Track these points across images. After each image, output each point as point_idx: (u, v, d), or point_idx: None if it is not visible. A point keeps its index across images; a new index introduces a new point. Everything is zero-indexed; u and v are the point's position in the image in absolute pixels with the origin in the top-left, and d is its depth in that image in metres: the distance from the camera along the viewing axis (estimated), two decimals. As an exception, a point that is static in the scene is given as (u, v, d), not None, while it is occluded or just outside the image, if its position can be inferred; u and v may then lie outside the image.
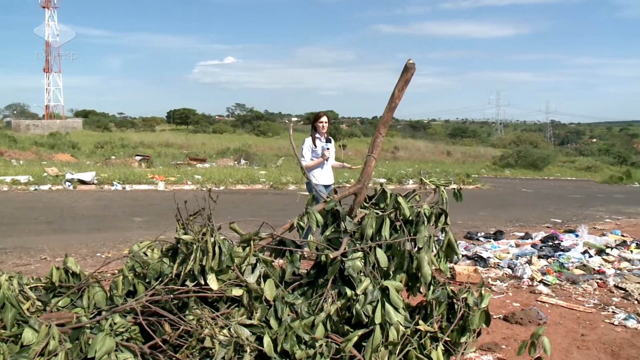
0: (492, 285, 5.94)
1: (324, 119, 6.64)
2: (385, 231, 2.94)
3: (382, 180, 19.04)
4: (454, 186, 3.69)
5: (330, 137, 6.81)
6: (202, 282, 2.60)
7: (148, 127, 65.52)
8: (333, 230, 2.98)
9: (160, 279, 2.70)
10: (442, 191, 3.38)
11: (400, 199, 3.09)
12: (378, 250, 2.86)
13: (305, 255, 3.68)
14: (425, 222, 3.10)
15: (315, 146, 6.54)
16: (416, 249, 2.99)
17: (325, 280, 2.82)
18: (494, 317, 4.72)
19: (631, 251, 7.91)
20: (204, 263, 2.59)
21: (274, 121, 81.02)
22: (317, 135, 6.59)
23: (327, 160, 6.65)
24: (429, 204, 3.24)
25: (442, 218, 3.22)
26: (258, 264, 2.78)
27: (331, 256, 2.73)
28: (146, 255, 2.93)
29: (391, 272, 2.92)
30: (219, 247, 2.63)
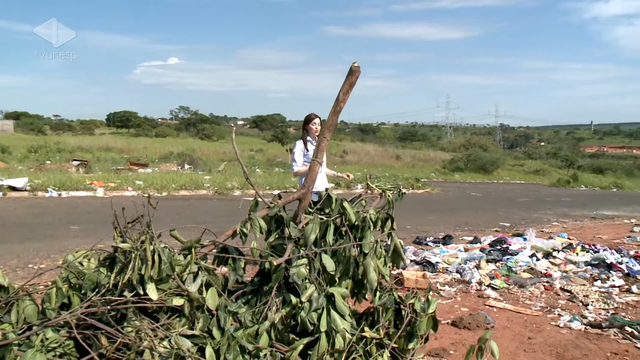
0: (441, 290, 6.10)
1: (316, 120, 6.31)
2: (330, 237, 2.99)
3: (330, 185, 19.11)
4: (404, 190, 3.78)
5: None
6: (142, 292, 2.57)
7: (86, 131, 63.70)
8: (277, 236, 3.01)
9: (97, 290, 2.66)
10: (389, 196, 3.45)
11: (345, 204, 3.14)
12: (324, 256, 2.90)
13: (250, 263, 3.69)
14: (371, 227, 3.16)
15: (308, 150, 6.21)
16: (362, 254, 3.05)
17: (269, 287, 2.84)
18: (443, 322, 4.85)
19: (577, 254, 8.26)
20: (143, 272, 2.56)
21: (219, 124, 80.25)
22: (308, 138, 6.27)
23: (321, 165, 6.48)
24: (375, 208, 3.31)
25: (389, 223, 3.29)
26: (200, 273, 2.77)
27: (275, 263, 2.75)
28: (82, 265, 2.87)
29: (337, 279, 2.96)
30: (159, 256, 2.60)
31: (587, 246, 8.78)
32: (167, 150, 33.37)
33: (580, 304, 5.78)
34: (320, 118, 6.34)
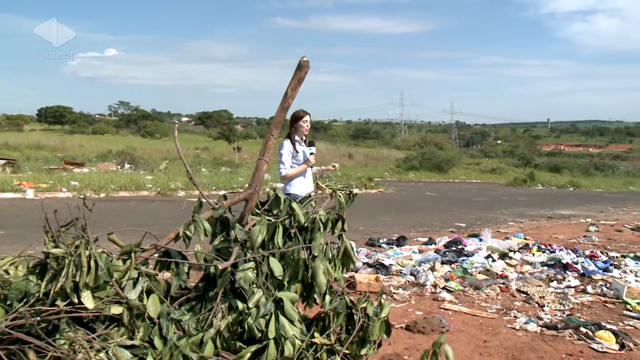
0: (395, 293, 6.19)
1: (307, 118, 5.91)
2: (278, 239, 3.00)
3: (280, 185, 19.10)
4: (357, 190, 3.83)
5: (312, 140, 6.09)
6: (76, 301, 2.52)
7: (14, 127, 61.61)
8: (222, 239, 3.00)
9: (25, 300, 2.58)
10: (339, 196, 3.49)
11: (294, 205, 3.16)
12: (271, 259, 2.91)
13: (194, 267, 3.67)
14: (321, 229, 3.19)
15: (297, 151, 5.84)
16: (312, 257, 3.07)
17: (214, 293, 2.83)
18: (396, 326, 4.93)
19: (533, 254, 8.53)
20: (77, 279, 2.51)
21: (162, 121, 79.06)
22: (296, 138, 5.91)
23: (311, 168, 6.02)
24: (325, 209, 3.34)
25: (339, 224, 3.33)
26: (140, 279, 2.74)
27: (220, 267, 2.75)
28: (8, 273, 2.79)
29: (286, 283, 2.98)
30: (95, 261, 2.56)
31: (543, 246, 9.08)
32: (105, 149, 32.69)
33: (537, 305, 5.97)
34: (310, 115, 5.99)
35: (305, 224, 3.17)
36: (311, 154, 5.88)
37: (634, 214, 17.06)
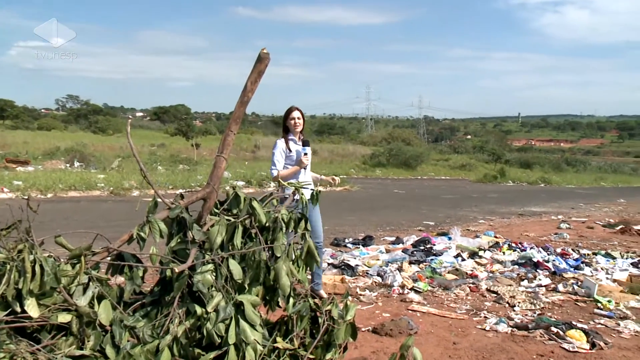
0: (361, 295, 6.23)
1: (296, 114, 5.82)
2: (238, 240, 2.99)
3: (241, 183, 19.08)
4: (320, 188, 3.84)
5: (307, 139, 5.94)
6: (19, 310, 2.47)
7: (-55, 122, 59.89)
8: (179, 240, 2.97)
9: (-40, 310, 2.52)
10: (302, 194, 3.49)
11: (255, 204, 3.15)
12: (231, 261, 2.90)
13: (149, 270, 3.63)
14: (284, 229, 3.19)
15: (290, 150, 5.75)
16: (274, 258, 3.07)
17: (171, 298, 2.81)
18: (363, 329, 4.97)
19: (503, 253, 8.68)
20: (20, 286, 2.46)
21: (114, 116, 77.78)
22: (290, 136, 5.82)
23: (305, 169, 5.86)
24: (288, 208, 3.34)
25: (302, 223, 3.34)
26: (91, 284, 2.70)
27: (177, 270, 2.73)
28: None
29: (246, 286, 2.97)
30: (41, 266, 2.51)
31: (514, 245, 9.24)
32: (52, 145, 31.97)
33: (507, 305, 6.08)
34: (301, 111, 5.91)
35: (267, 224, 3.16)
36: (305, 154, 5.74)
37: (605, 211, 17.52)
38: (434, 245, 8.92)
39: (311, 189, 5.77)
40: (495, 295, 6.44)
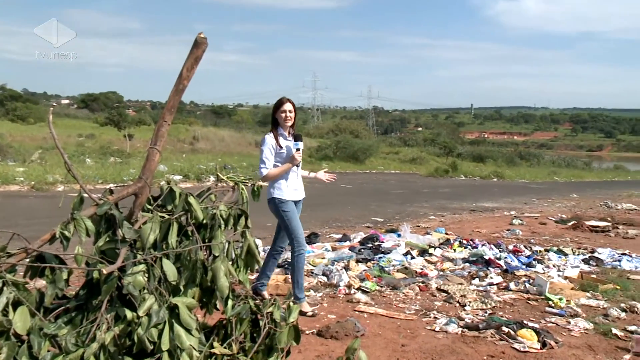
0: (305, 295, 6.25)
1: (288, 106, 5.61)
2: (173, 238, 2.96)
3: (177, 177, 18.87)
4: (260, 183, 3.83)
5: (299, 134, 5.78)
6: None
7: None
8: (108, 239, 2.92)
9: None
10: (242, 189, 3.48)
11: (191, 199, 3.12)
12: (165, 261, 2.86)
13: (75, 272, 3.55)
14: (222, 226, 3.17)
15: (281, 146, 5.59)
16: (211, 257, 3.05)
17: (99, 302, 2.75)
18: (307, 332, 5.00)
19: (454, 250, 8.86)
20: None
21: (36, 103, 75.37)
22: (280, 131, 5.67)
23: (298, 167, 5.74)
24: (227, 204, 3.32)
25: (242, 220, 3.32)
26: (5, 289, 2.61)
27: (105, 272, 2.68)
28: None
29: (182, 287, 2.94)
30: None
31: (465, 242, 9.45)
32: (-39, 135, 30.94)
33: (458, 304, 6.22)
34: (293, 103, 5.71)
35: (204, 221, 3.13)
36: (297, 150, 5.62)
37: (558, 206, 18.07)
38: (383, 242, 9.03)
39: (296, 188, 5.79)
40: (445, 294, 6.57)
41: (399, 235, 9.67)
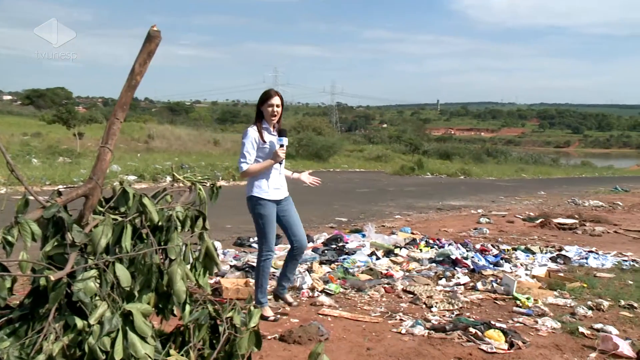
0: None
1: (276, 100, 5.52)
2: (127, 241, 2.92)
3: (132, 178, 18.66)
4: (224, 182, 3.81)
5: (284, 129, 5.69)
6: None
7: None
8: (56, 244, 2.87)
9: None
10: (200, 189, 3.45)
11: (146, 200, 3.08)
12: (118, 266, 2.82)
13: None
14: (179, 228, 3.15)
15: (264, 141, 5.47)
16: (168, 261, 3.03)
17: (46, 310, 2.71)
18: (269, 337, 5.00)
19: (420, 250, 8.93)
20: None
21: (-25, 100, 73.94)
22: (264, 125, 5.56)
23: (280, 164, 5.68)
24: (184, 205, 3.30)
25: (200, 222, 3.30)
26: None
27: (53, 278, 2.63)
28: None
29: (136, 293, 2.91)
30: None
31: (431, 241, 9.54)
32: None
33: (424, 306, 6.28)
34: (281, 97, 5.62)
35: (160, 223, 3.10)
36: (281, 146, 5.54)
37: (526, 203, 18.34)
38: (347, 243, 9.06)
39: (278, 187, 5.74)
40: (411, 295, 6.62)
41: (363, 236, 9.72)
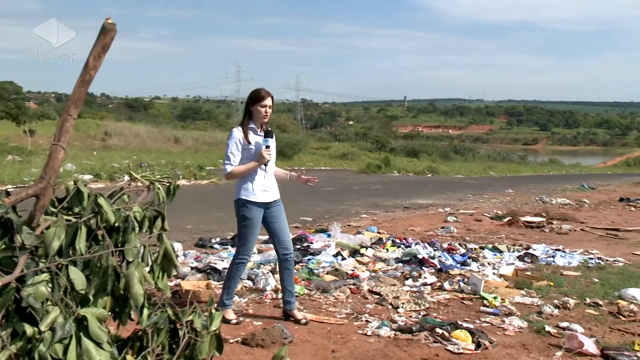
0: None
1: (268, 101, 5.49)
2: (81, 243, 2.88)
3: (87, 177, 18.43)
4: (184, 182, 3.78)
5: (270, 129, 5.68)
6: None
7: None
8: (4, 246, 2.82)
9: None
10: (158, 188, 3.42)
11: (101, 200, 3.04)
12: (72, 269, 2.78)
13: None
14: (136, 229, 3.11)
15: (249, 142, 5.45)
16: (125, 263, 2.99)
17: (-6, 317, 2.66)
18: (231, 341, 4.99)
19: (387, 249, 8.98)
20: None
21: None
22: (252, 125, 5.53)
23: (266, 165, 5.62)
24: (141, 205, 3.27)
25: (159, 222, 3.27)
26: None
27: (0, 283, 2.59)
28: None
29: (91, 297, 2.87)
30: None
31: (398, 240, 9.60)
32: None
33: (390, 307, 6.32)
34: (272, 97, 5.57)
35: (116, 224, 3.07)
36: (267, 147, 5.51)
37: (494, 202, 18.57)
38: (312, 243, 9.07)
39: (266, 189, 5.67)
40: (377, 296, 6.66)
41: (328, 236, 9.73)
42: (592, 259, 9.14)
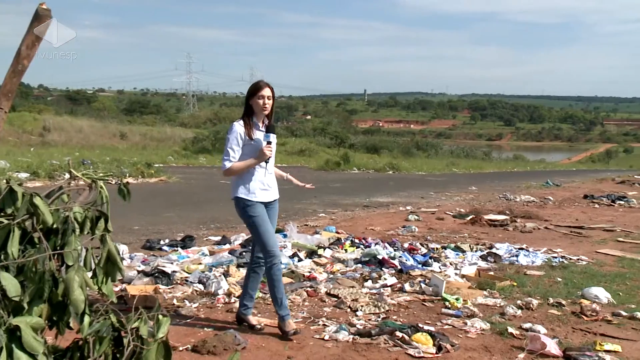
0: (179, 307, 6.18)
1: (267, 92, 5.39)
2: (14, 247, 2.82)
3: (23, 175, 18.09)
4: (131, 179, 3.73)
5: (273, 124, 5.59)
6: None
7: None
8: None
9: None
10: (101, 187, 3.37)
11: (38, 201, 2.98)
12: (3, 274, 2.72)
13: None
14: (77, 231, 3.06)
15: (251, 137, 5.36)
16: (64, 268, 2.94)
17: None
18: (180, 348, 4.95)
19: (345, 250, 9.01)
20: None
21: None
22: (254, 119, 5.44)
23: (267, 162, 5.51)
24: (82, 205, 3.21)
25: (101, 223, 3.22)
26: None
27: None
28: None
29: (26, 305, 2.82)
30: None
31: (357, 241, 9.64)
32: None
33: (349, 309, 6.33)
34: (272, 89, 5.46)
35: (55, 225, 3.01)
36: (268, 143, 5.39)
37: (457, 199, 18.77)
38: (267, 244, 9.04)
39: (265, 188, 5.57)
40: (335, 299, 6.66)
41: (284, 236, 9.72)
42: (555, 257, 9.31)
